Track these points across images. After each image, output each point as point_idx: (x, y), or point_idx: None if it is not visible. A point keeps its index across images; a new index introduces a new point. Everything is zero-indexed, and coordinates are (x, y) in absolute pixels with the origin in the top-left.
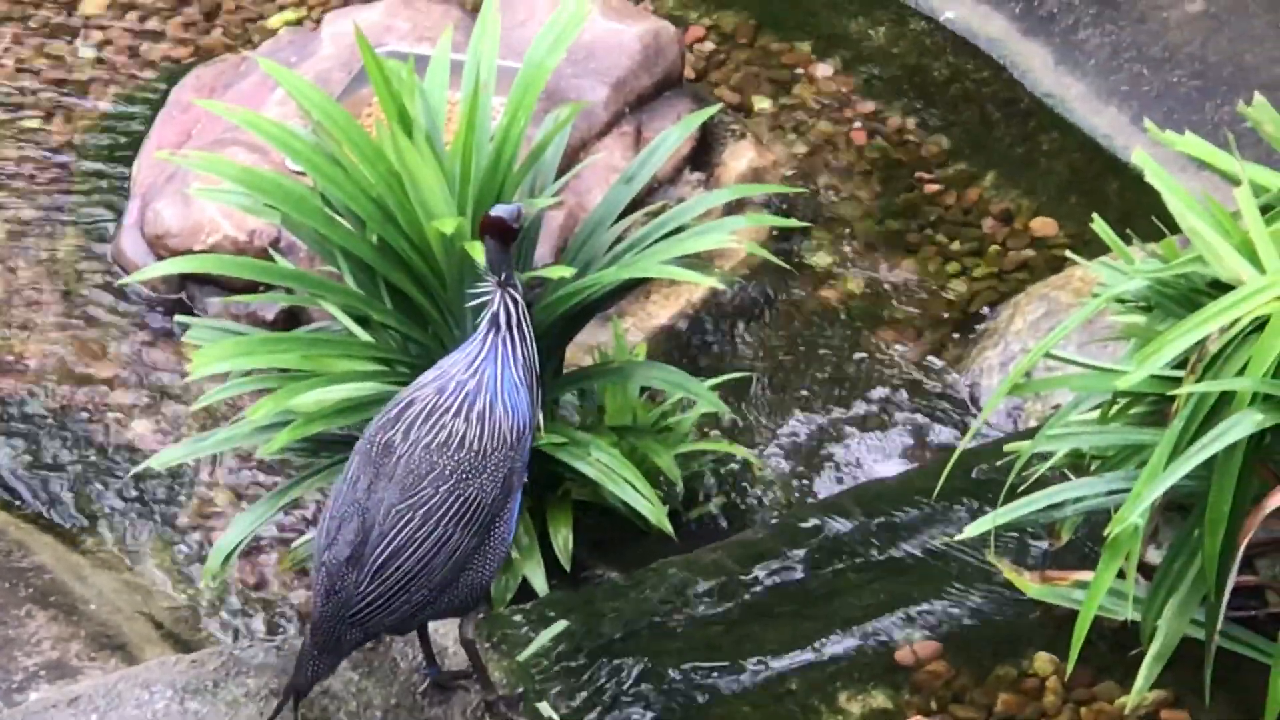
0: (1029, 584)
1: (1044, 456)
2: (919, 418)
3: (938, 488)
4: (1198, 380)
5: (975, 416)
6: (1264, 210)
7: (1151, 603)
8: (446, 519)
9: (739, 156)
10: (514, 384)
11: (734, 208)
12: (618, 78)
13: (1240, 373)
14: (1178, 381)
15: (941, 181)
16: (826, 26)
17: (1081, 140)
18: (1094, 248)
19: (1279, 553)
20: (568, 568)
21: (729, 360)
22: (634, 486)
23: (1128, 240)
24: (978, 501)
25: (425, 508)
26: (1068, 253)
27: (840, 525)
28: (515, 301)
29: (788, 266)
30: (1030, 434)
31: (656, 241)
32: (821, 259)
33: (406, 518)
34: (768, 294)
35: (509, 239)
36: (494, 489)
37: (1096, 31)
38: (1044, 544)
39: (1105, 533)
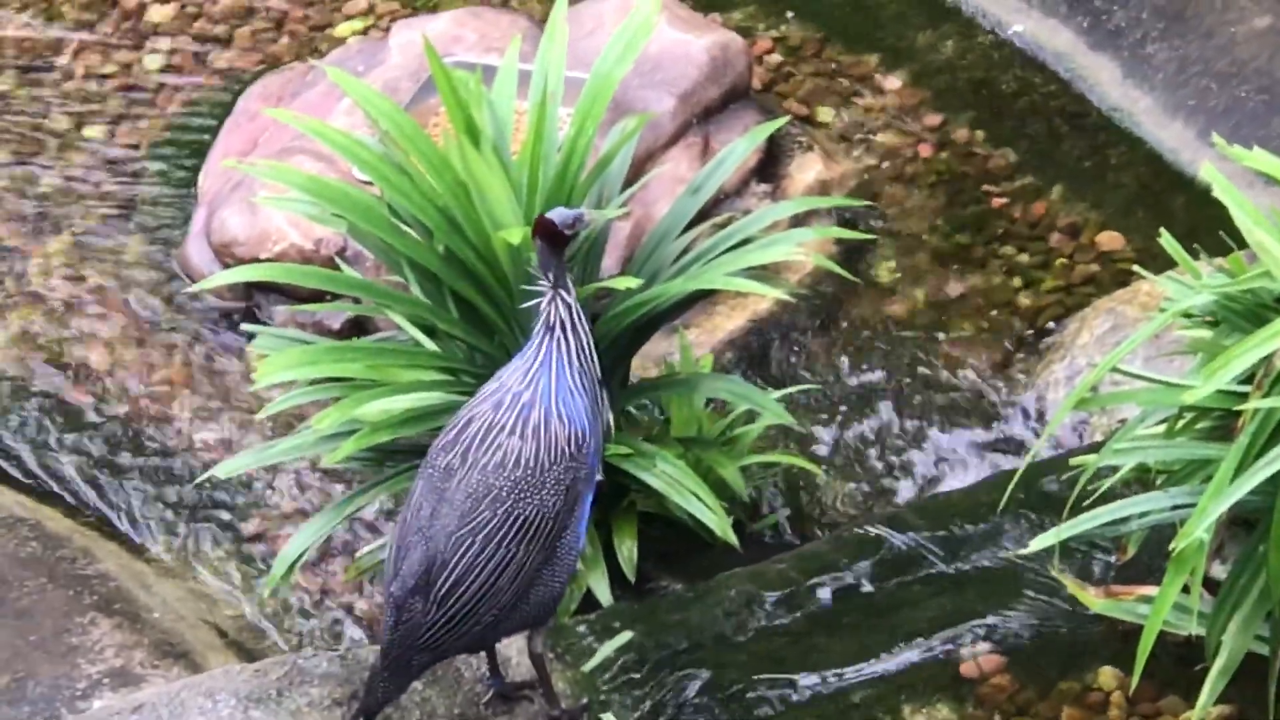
0: (1094, 599)
1: (1110, 471)
2: (985, 431)
3: (1003, 501)
4: (1264, 395)
5: (1041, 430)
6: None
7: (1216, 618)
8: (508, 540)
9: (806, 169)
10: (569, 390)
11: (800, 220)
12: (685, 89)
13: None
14: (1244, 397)
15: (1008, 195)
16: (893, 39)
17: (1148, 154)
18: (1161, 262)
19: None
20: (632, 579)
21: (795, 372)
22: (699, 498)
23: (1194, 255)
24: (1043, 515)
25: (484, 532)
26: (1134, 267)
27: (904, 538)
28: (568, 306)
29: (854, 279)
30: (1096, 448)
31: (723, 253)
32: (887, 272)
33: (467, 544)
34: (834, 307)
35: (559, 243)
36: (556, 502)
37: (1164, 46)
38: (1109, 558)
39: (1170, 548)
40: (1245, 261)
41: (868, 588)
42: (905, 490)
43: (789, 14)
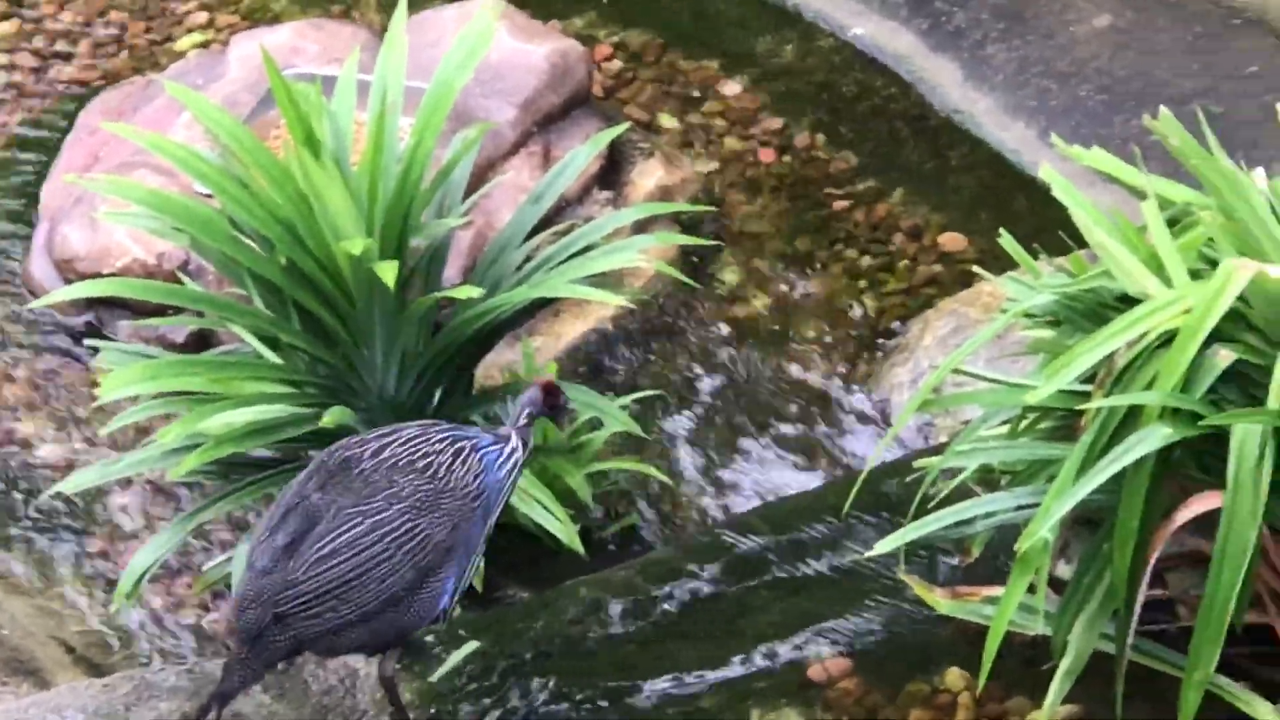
0: (940, 600)
1: (954, 472)
2: (829, 435)
3: (848, 505)
4: (1106, 395)
5: (886, 433)
6: (1171, 224)
7: (1062, 618)
8: (391, 537)
9: (648, 175)
10: (497, 458)
11: (643, 226)
12: (526, 97)
13: (1148, 387)
14: (1086, 396)
15: (850, 198)
16: (734, 44)
17: (990, 155)
18: (1003, 263)
19: (1189, 566)
20: (479, 589)
21: (640, 378)
22: (545, 506)
23: (1036, 255)
24: (889, 518)
25: (376, 518)
26: (975, 268)
27: (751, 543)
28: (518, 451)
29: (697, 285)
30: (940, 450)
31: (565, 261)
32: (731, 276)
33: (354, 521)
34: (678, 312)
35: (550, 406)
36: (441, 533)
37: (1004, 47)
38: (955, 560)
39: (1015, 548)
40: (1086, 261)
41: (714, 593)
42: (751, 495)
43: (629, 20)
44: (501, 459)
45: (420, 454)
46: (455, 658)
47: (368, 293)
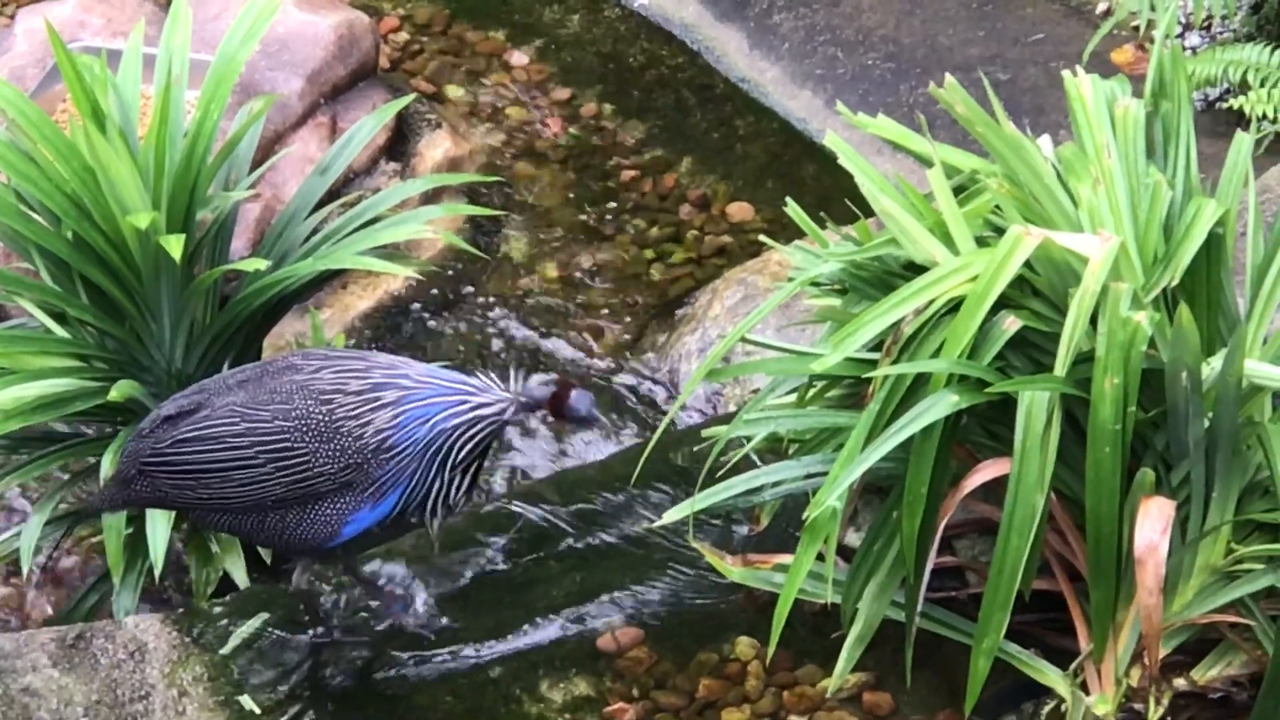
0: (730, 568)
1: (743, 441)
2: (618, 405)
3: (635, 474)
4: (894, 362)
5: (675, 402)
6: (958, 191)
7: (851, 585)
8: (262, 447)
9: (435, 146)
10: (420, 431)
11: (431, 197)
12: (312, 69)
13: (936, 354)
14: (874, 364)
15: (638, 168)
16: (520, 15)
17: (778, 124)
18: (791, 232)
19: (978, 533)
20: (268, 561)
21: (429, 350)
22: None
23: (823, 224)
24: (678, 487)
25: (253, 423)
26: (762, 237)
27: (540, 513)
28: (498, 422)
29: (485, 256)
30: (729, 419)
31: (352, 233)
32: (519, 247)
33: (233, 420)
34: (466, 283)
35: (556, 408)
36: (326, 465)
37: (790, 15)
38: (747, 529)
39: (804, 516)
40: (872, 229)
41: (502, 564)
42: (541, 466)
43: None
44: (453, 411)
45: (337, 387)
46: (244, 630)
47: (154, 266)
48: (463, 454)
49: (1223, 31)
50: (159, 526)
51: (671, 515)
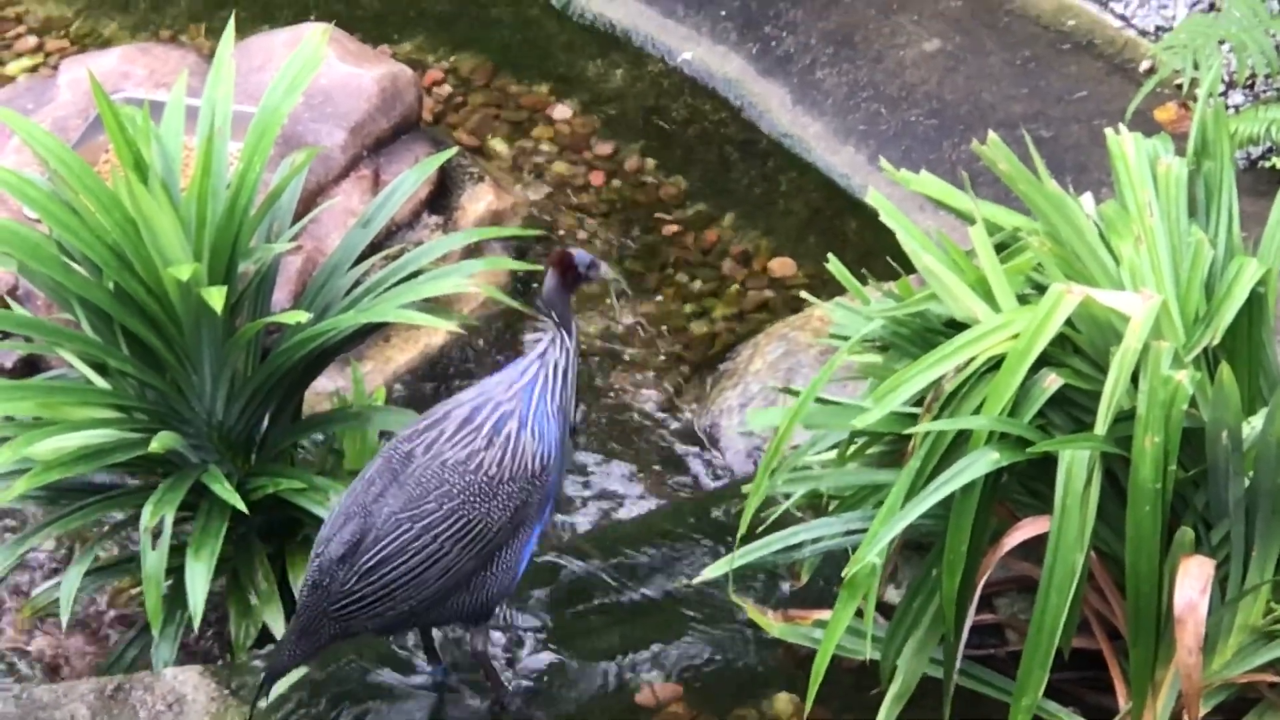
0: (771, 623)
1: (784, 497)
2: (659, 459)
3: (679, 529)
4: (934, 419)
5: (716, 457)
6: (999, 249)
7: (891, 642)
8: (443, 536)
9: (477, 199)
10: (547, 414)
11: (473, 251)
12: (355, 121)
13: (976, 412)
14: (915, 420)
15: (680, 222)
16: (564, 69)
17: (820, 180)
18: (832, 287)
19: (1018, 591)
20: None
21: None
22: None
23: (864, 280)
24: (719, 542)
25: (425, 521)
26: (803, 294)
27: (579, 567)
28: (566, 350)
29: (526, 310)
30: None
31: (394, 285)
32: None
33: (405, 527)
34: (508, 337)
35: (570, 282)
36: (502, 517)
37: (833, 71)
38: (788, 584)
39: (843, 573)
40: (913, 286)
41: (543, 617)
42: (582, 519)
43: (459, 44)
44: (553, 387)
45: (468, 450)
46: (283, 684)
47: (196, 318)
48: (567, 409)
49: (1266, 90)
50: (198, 579)
51: (711, 572)
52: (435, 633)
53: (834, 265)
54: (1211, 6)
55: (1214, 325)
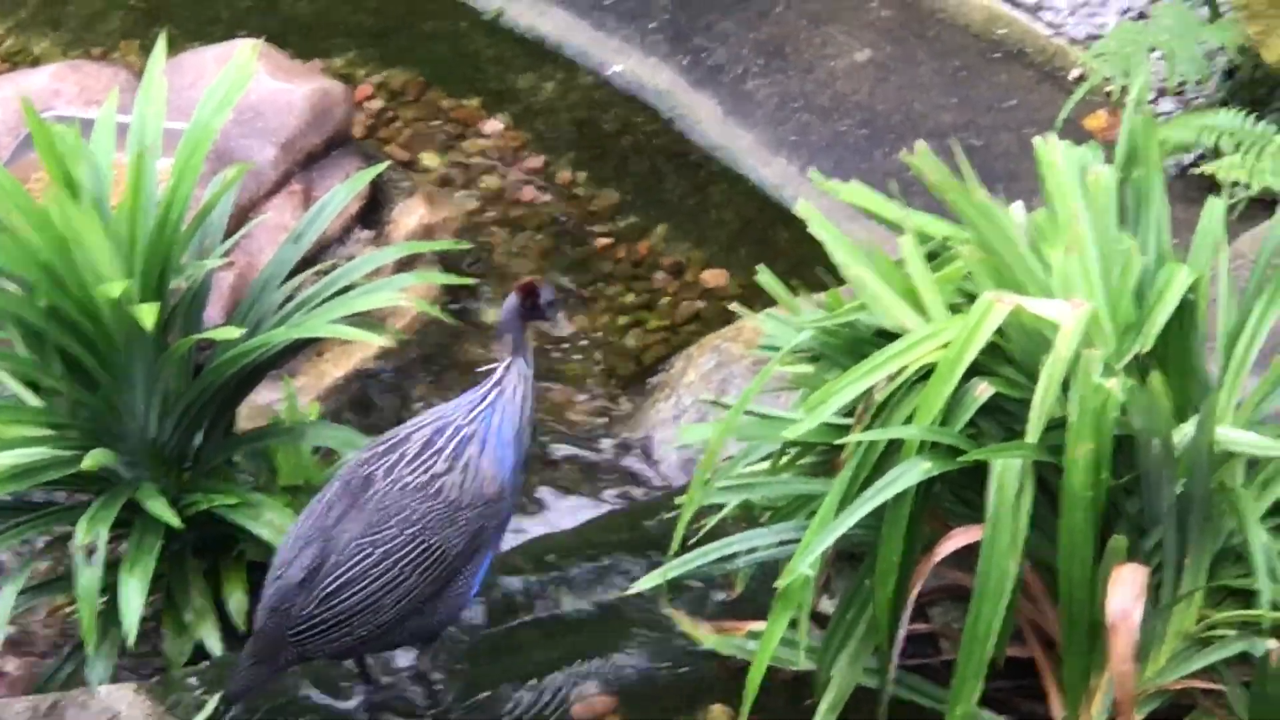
0: (704, 635)
1: (717, 508)
2: (593, 472)
3: (612, 541)
4: (865, 429)
5: (650, 469)
6: (930, 258)
7: (825, 652)
8: (404, 562)
9: (409, 213)
10: (505, 440)
11: (405, 265)
12: (287, 137)
13: (908, 421)
14: (847, 431)
15: (612, 235)
16: (495, 82)
17: (751, 191)
18: (765, 298)
19: (951, 600)
20: (243, 629)
21: (403, 418)
22: None
23: (795, 291)
24: (653, 554)
25: (386, 547)
26: (733, 305)
27: (513, 581)
28: (524, 377)
29: (458, 324)
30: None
31: (326, 300)
32: (492, 314)
33: (365, 552)
34: (441, 351)
35: (529, 309)
36: (460, 542)
37: (765, 82)
38: (722, 595)
39: (776, 583)
40: (844, 297)
41: (477, 631)
42: (515, 533)
43: (390, 59)
44: (512, 413)
45: (429, 474)
46: (218, 699)
47: (128, 335)
48: (527, 426)
49: (1196, 97)
50: (132, 596)
51: (644, 583)
52: (402, 663)
53: (764, 276)
54: (1141, 15)
55: (1145, 333)
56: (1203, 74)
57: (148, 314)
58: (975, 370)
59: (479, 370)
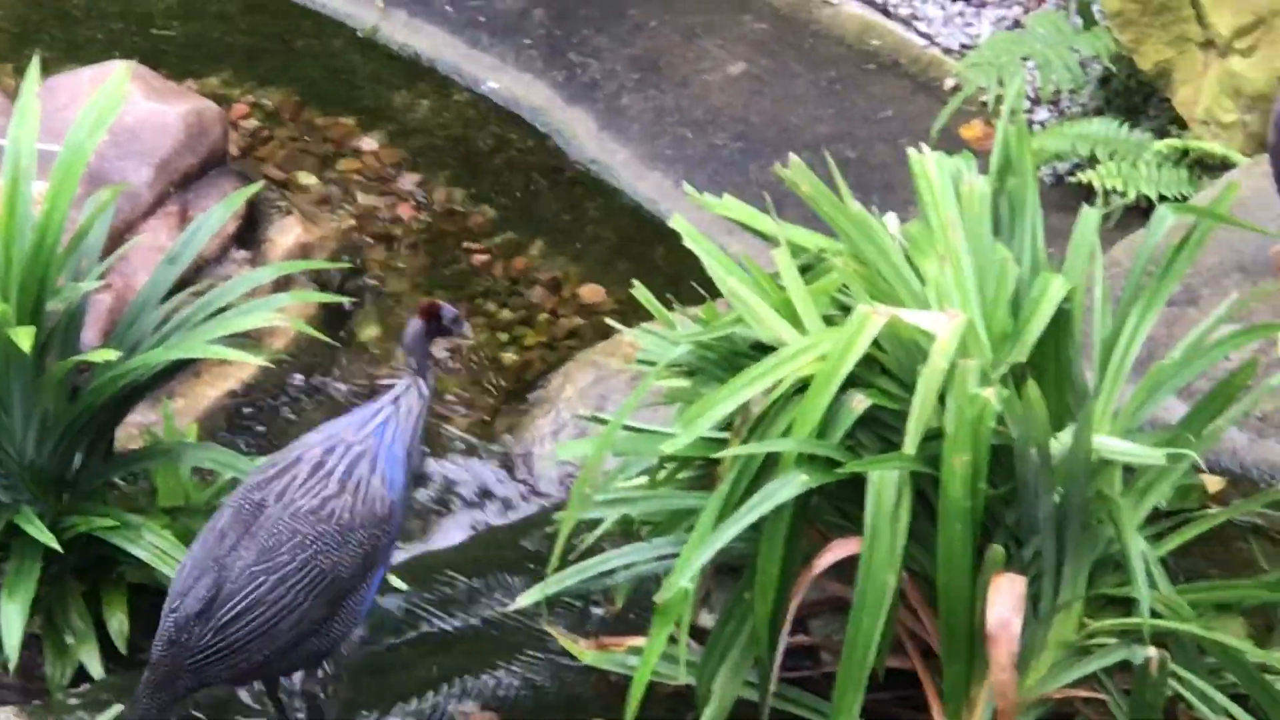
0: (584, 651)
1: (596, 523)
2: (473, 488)
3: (492, 558)
4: (743, 443)
5: (530, 484)
6: (804, 271)
7: (706, 667)
8: (298, 587)
9: (286, 233)
10: (396, 457)
11: (281, 285)
12: (162, 158)
13: (785, 434)
14: (724, 444)
15: (489, 251)
16: (370, 100)
17: (628, 206)
18: (643, 313)
19: (831, 612)
20: (124, 651)
21: (282, 437)
22: None
23: (671, 305)
24: (532, 570)
25: (279, 574)
26: (609, 320)
27: (392, 600)
28: (421, 397)
29: (336, 343)
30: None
31: (203, 321)
32: (371, 332)
33: (260, 580)
34: (320, 370)
35: (433, 329)
36: (352, 565)
37: (640, 97)
38: (602, 611)
39: (656, 598)
40: (721, 310)
41: (356, 651)
42: (396, 551)
43: (265, 78)
44: (404, 431)
45: (320, 498)
46: None
47: (4, 358)
48: (418, 445)
49: (1071, 106)
50: (13, 619)
51: (524, 600)
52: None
53: (640, 291)
54: (1016, 24)
55: (1021, 342)
56: (1077, 83)
57: (24, 337)
58: (852, 382)
59: (380, 384)
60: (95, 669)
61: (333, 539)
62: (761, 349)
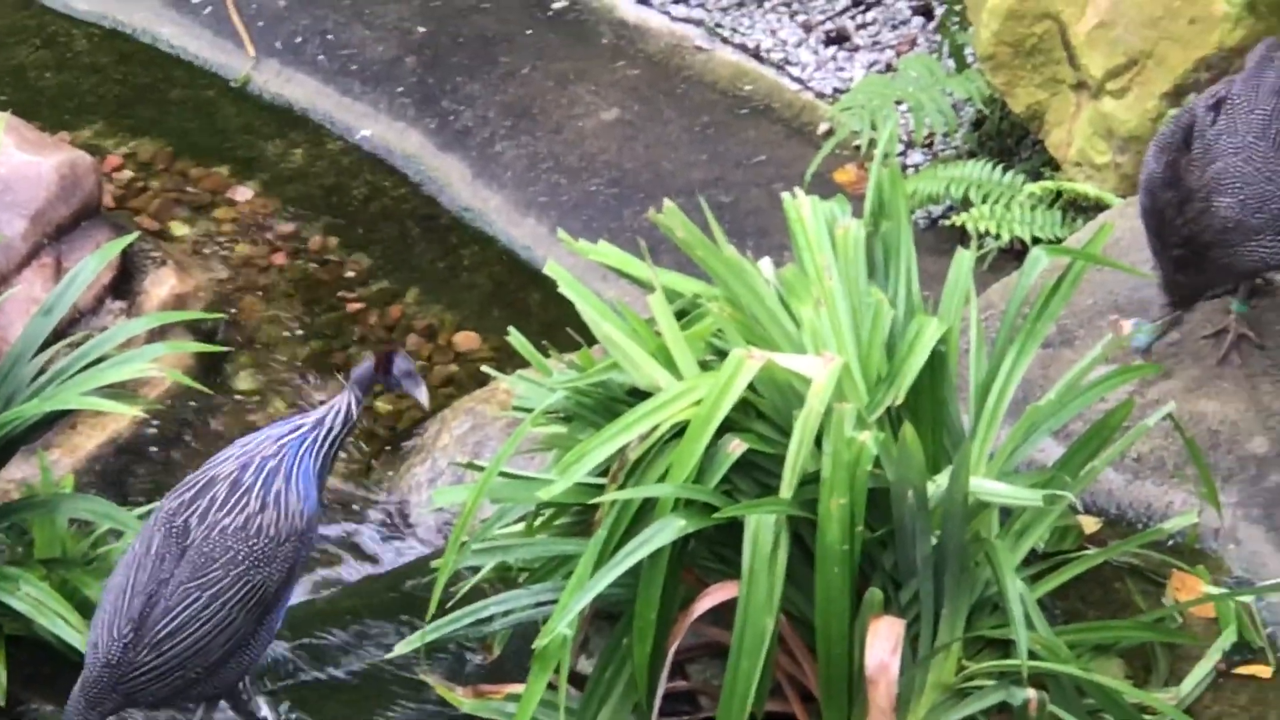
0: (461, 699)
1: (474, 570)
2: (349, 537)
3: (368, 607)
4: (619, 488)
5: (406, 533)
6: (680, 315)
7: (585, 712)
8: (233, 602)
9: (161, 283)
10: (309, 471)
11: (157, 335)
12: (35, 209)
13: (662, 479)
14: (601, 490)
15: (364, 300)
16: (244, 150)
17: (502, 252)
18: (519, 360)
19: (710, 657)
20: (2, 703)
21: (160, 488)
22: (65, 620)
23: (546, 352)
24: (410, 618)
25: (213, 590)
26: (485, 368)
27: (270, 650)
28: (347, 421)
29: (211, 393)
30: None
31: (78, 373)
32: (247, 382)
33: (194, 596)
34: (196, 420)
35: (381, 376)
36: (280, 577)
37: (512, 144)
38: (480, 657)
39: (534, 644)
40: (596, 356)
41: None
42: None
43: (138, 129)
44: (322, 448)
45: (244, 515)
46: None
47: None
48: (329, 465)
49: (944, 149)
50: None
51: (402, 648)
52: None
53: (515, 338)
54: (889, 68)
55: (896, 385)
56: (950, 125)
57: None
58: (728, 427)
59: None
60: None
61: (264, 554)
62: (637, 394)
